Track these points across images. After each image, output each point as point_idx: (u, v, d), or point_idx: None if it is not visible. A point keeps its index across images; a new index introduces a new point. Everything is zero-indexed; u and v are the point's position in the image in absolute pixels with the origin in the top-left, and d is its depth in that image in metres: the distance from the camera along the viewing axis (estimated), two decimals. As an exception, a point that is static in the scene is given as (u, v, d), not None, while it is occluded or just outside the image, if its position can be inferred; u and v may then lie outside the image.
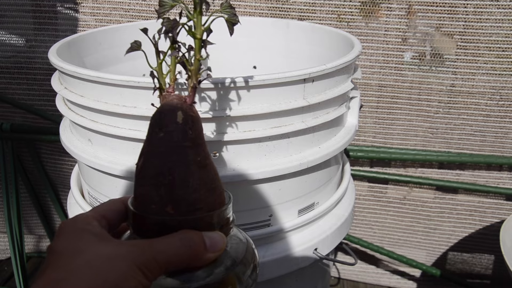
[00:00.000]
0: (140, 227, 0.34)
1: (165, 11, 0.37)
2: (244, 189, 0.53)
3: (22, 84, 1.06)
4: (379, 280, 1.23)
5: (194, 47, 0.37)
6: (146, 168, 0.34)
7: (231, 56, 0.81)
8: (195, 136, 0.34)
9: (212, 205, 0.34)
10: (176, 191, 0.33)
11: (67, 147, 0.58)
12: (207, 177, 0.34)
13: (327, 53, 0.73)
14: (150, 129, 0.35)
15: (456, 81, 0.92)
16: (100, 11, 0.96)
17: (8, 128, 1.08)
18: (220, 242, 0.33)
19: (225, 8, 0.38)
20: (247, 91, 0.48)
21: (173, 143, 0.33)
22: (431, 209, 1.09)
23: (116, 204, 0.36)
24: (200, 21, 0.36)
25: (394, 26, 0.90)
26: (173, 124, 0.34)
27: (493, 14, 0.82)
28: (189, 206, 0.33)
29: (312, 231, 0.60)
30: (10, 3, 0.99)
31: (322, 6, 0.90)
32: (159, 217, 0.33)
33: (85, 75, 0.50)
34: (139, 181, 0.34)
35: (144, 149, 0.34)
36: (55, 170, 1.16)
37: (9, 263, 1.20)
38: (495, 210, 1.06)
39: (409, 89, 0.95)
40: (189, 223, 0.33)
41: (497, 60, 0.87)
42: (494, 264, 1.14)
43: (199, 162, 0.34)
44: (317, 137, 0.56)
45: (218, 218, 0.34)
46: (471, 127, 0.97)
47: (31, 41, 1.02)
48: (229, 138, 0.49)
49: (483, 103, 0.93)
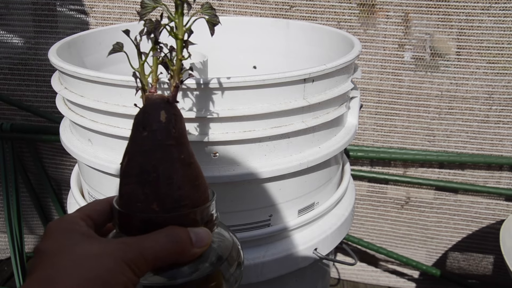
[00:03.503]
0: (126, 226, 0.34)
1: (147, 13, 0.38)
2: (244, 189, 0.53)
3: (22, 84, 1.06)
4: (379, 280, 1.23)
5: (176, 48, 0.37)
6: (130, 167, 0.34)
7: (231, 56, 0.81)
8: (179, 135, 0.35)
9: (197, 202, 0.35)
10: (160, 188, 0.33)
11: (67, 147, 0.58)
12: (191, 174, 0.35)
13: (327, 53, 0.73)
14: (134, 128, 0.35)
15: (451, 86, 0.95)
16: (111, 15, 0.97)
17: (8, 128, 1.08)
18: (205, 238, 0.34)
19: (206, 9, 0.39)
20: (247, 91, 0.48)
21: (157, 141, 0.34)
22: (431, 210, 1.09)
23: (101, 204, 0.36)
24: (181, 22, 0.37)
25: (391, 33, 0.93)
26: (156, 123, 0.34)
27: (484, 22, 0.86)
28: (174, 203, 0.33)
29: (312, 231, 0.60)
30: (11, 3, 0.99)
31: (323, 13, 0.93)
32: (145, 215, 0.33)
33: (85, 75, 0.50)
34: (124, 179, 0.35)
35: (128, 148, 0.35)
36: (55, 170, 1.16)
37: (9, 263, 1.20)
38: (495, 210, 1.06)
39: (408, 94, 0.98)
40: (175, 220, 0.33)
41: (488, 65, 0.91)
42: (494, 264, 1.14)
43: (183, 159, 0.35)
44: (317, 137, 0.56)
45: (203, 214, 0.35)
46: (467, 133, 0.99)
47: (31, 41, 1.02)
48: (229, 138, 0.49)
49: (477, 108, 0.95)
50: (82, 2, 0.97)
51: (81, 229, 0.32)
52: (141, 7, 0.38)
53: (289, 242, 0.58)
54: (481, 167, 1.02)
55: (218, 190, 0.52)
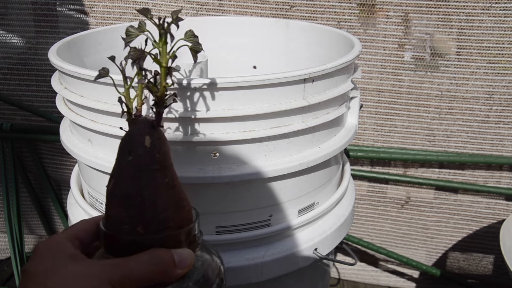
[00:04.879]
0: (112, 247, 0.35)
1: (131, 40, 0.39)
2: (244, 189, 0.53)
3: (22, 84, 1.06)
4: (379, 280, 1.23)
5: (160, 74, 0.38)
6: (116, 190, 0.35)
7: (231, 56, 0.81)
8: (163, 159, 0.36)
9: (181, 223, 0.36)
10: (145, 211, 0.34)
11: (67, 147, 0.58)
12: (175, 197, 0.36)
13: (327, 53, 0.73)
14: (119, 152, 0.36)
15: (451, 86, 0.95)
16: (111, 15, 0.97)
17: (8, 128, 1.07)
18: (188, 259, 0.35)
19: (189, 36, 0.40)
20: (247, 91, 0.48)
21: (141, 166, 0.35)
22: (431, 209, 1.09)
23: (88, 224, 0.37)
24: (165, 50, 0.37)
25: (391, 33, 0.93)
26: (141, 148, 0.35)
27: (484, 22, 0.87)
28: (158, 225, 0.35)
29: (312, 231, 0.60)
30: (10, 3, 0.99)
31: (323, 13, 0.94)
32: (130, 237, 0.34)
33: (85, 75, 0.50)
34: (110, 202, 0.36)
35: (114, 171, 0.36)
36: (55, 170, 1.16)
37: (9, 263, 1.20)
38: (495, 210, 1.06)
39: (408, 94, 0.98)
40: (159, 241, 0.34)
41: (489, 66, 0.91)
42: (494, 264, 1.14)
43: (167, 183, 0.36)
44: (317, 137, 0.56)
45: (186, 235, 0.36)
46: (467, 133, 1.00)
47: (31, 41, 1.02)
48: (229, 138, 0.49)
49: (477, 108, 0.95)
50: (82, 2, 0.97)
51: (67, 250, 0.34)
52: (126, 35, 0.39)
53: (289, 242, 0.58)
54: (481, 167, 1.02)
55: (218, 190, 0.52)
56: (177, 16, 0.37)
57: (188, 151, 0.50)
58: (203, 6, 0.96)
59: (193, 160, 0.50)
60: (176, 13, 0.38)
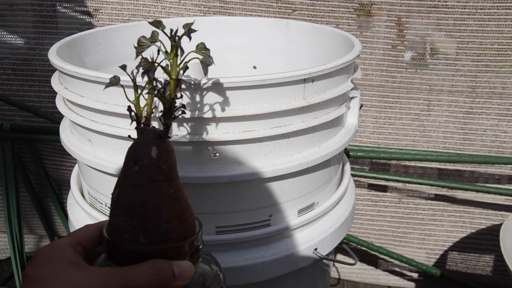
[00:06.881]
0: (113, 254, 0.35)
1: (143, 50, 0.39)
2: (244, 189, 0.53)
3: (25, 84, 1.06)
4: (379, 280, 1.23)
5: (170, 85, 0.38)
6: (120, 199, 0.35)
7: (231, 56, 0.81)
8: (168, 170, 0.36)
9: (183, 235, 0.36)
10: (148, 222, 0.34)
11: (67, 147, 0.58)
12: (178, 209, 0.36)
13: (327, 53, 0.73)
14: (125, 161, 0.36)
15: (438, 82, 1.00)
16: (119, 17, 0.97)
17: (8, 128, 1.07)
18: (188, 271, 0.35)
19: (201, 49, 0.40)
20: (247, 91, 0.48)
21: (146, 177, 0.35)
22: (431, 209, 1.09)
23: (91, 230, 0.38)
24: (175, 62, 0.37)
25: (385, 35, 0.96)
26: (147, 159, 0.35)
27: (469, 26, 0.95)
28: (160, 236, 0.35)
29: (312, 231, 0.60)
30: (10, 3, 0.99)
31: (323, 17, 0.96)
32: (131, 246, 0.34)
33: (85, 75, 0.50)
34: (114, 210, 0.36)
35: (120, 180, 0.36)
36: (55, 170, 1.16)
37: (9, 263, 1.20)
38: (495, 210, 1.06)
39: (408, 94, 1.00)
40: (160, 252, 0.34)
41: (473, 63, 0.98)
42: (494, 264, 1.14)
43: (171, 194, 0.36)
44: (317, 137, 0.56)
45: (188, 247, 0.36)
46: (467, 134, 1.02)
47: (35, 42, 1.02)
48: (229, 138, 0.49)
49: (462, 100, 1.01)
50: (86, 4, 0.98)
51: (68, 256, 0.34)
52: (138, 45, 0.39)
53: (289, 242, 0.58)
54: (481, 167, 1.02)
55: (218, 190, 0.52)
56: (189, 28, 0.37)
57: (188, 151, 0.50)
58: (210, 9, 0.96)
59: (193, 160, 0.50)
60: (188, 26, 0.37)
